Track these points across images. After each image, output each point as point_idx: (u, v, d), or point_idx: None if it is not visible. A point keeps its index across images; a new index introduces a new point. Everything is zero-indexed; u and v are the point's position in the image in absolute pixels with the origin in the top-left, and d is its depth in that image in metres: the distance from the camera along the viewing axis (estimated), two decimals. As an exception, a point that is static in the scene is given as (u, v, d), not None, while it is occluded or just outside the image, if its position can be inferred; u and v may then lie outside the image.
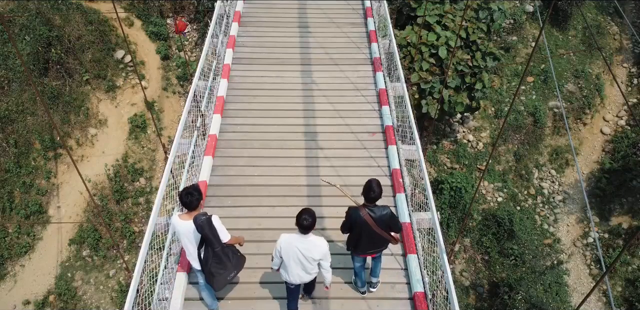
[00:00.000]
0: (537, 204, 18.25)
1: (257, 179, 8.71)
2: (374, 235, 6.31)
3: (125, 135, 16.56)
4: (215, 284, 6.29)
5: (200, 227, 5.78)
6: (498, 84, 18.86)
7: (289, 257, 5.92)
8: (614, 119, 19.90)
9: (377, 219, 6.18)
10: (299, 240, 5.83)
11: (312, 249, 5.84)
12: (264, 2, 13.45)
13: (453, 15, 15.17)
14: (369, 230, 6.24)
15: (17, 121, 15.50)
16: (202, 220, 5.77)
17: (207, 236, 5.86)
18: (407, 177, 8.64)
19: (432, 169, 17.79)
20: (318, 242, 5.88)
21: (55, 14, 16.46)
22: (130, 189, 16.07)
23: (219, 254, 6.05)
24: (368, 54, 11.76)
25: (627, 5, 21.50)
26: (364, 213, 6.17)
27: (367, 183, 6.18)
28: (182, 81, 18.00)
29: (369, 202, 6.20)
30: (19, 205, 15.12)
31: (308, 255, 5.86)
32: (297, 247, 5.84)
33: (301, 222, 5.70)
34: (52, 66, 16.07)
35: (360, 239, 6.37)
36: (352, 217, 6.24)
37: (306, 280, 6.20)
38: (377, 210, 6.19)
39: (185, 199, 5.89)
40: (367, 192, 6.13)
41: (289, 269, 6.01)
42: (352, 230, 6.39)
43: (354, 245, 6.51)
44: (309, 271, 6.06)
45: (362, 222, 6.18)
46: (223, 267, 6.20)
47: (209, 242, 5.95)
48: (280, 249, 5.95)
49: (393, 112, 9.91)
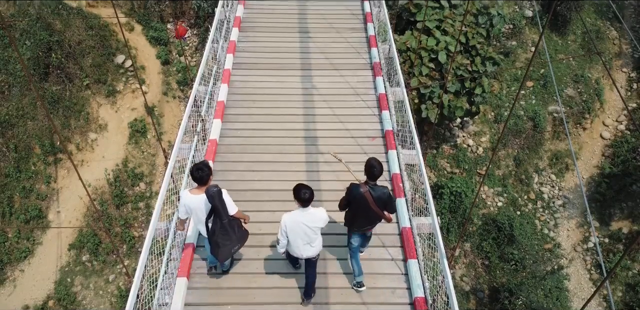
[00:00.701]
0: (537, 208, 18.23)
1: (258, 183, 8.71)
2: (370, 213, 6.62)
3: (126, 140, 16.57)
4: (219, 255, 6.62)
5: (211, 197, 6.16)
6: (498, 89, 18.89)
7: (295, 234, 6.28)
8: (614, 124, 19.91)
9: (376, 198, 6.47)
10: (302, 215, 6.19)
11: (314, 219, 6.23)
12: (264, 7, 13.49)
13: (452, 20, 15.20)
14: (366, 207, 6.53)
15: (18, 126, 15.52)
16: (214, 191, 6.17)
17: (216, 207, 6.24)
18: (407, 182, 8.63)
19: (432, 173, 17.79)
20: (318, 213, 6.27)
21: (56, 18, 16.50)
22: (130, 193, 16.06)
23: (225, 225, 6.43)
24: (368, 59, 11.78)
25: (627, 10, 21.56)
26: (364, 190, 6.46)
27: (367, 161, 6.52)
28: (182, 86, 18.02)
29: (371, 180, 6.50)
30: (18, 210, 15.11)
31: (313, 226, 6.25)
32: (302, 221, 6.18)
33: (302, 196, 6.04)
34: (53, 71, 16.11)
35: (356, 215, 6.70)
36: (353, 193, 6.51)
37: (310, 254, 6.52)
38: (377, 189, 6.50)
39: (196, 174, 6.27)
40: (370, 170, 6.44)
41: (295, 246, 6.41)
42: (350, 206, 6.70)
43: (351, 222, 6.82)
44: (312, 243, 6.42)
45: (361, 198, 6.46)
46: (228, 239, 6.54)
47: (217, 214, 6.32)
48: (285, 228, 6.26)
49: (393, 117, 9.92)
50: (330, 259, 7.57)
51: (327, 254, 7.57)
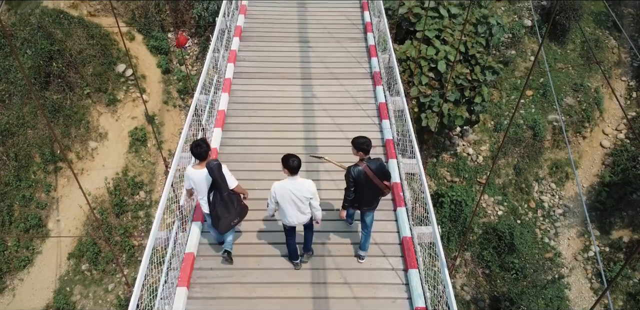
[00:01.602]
0: (538, 217, 18.21)
1: (258, 192, 8.67)
2: (372, 187, 6.93)
3: (126, 148, 16.58)
4: (220, 227, 7.01)
5: (211, 170, 6.60)
6: (497, 98, 18.94)
7: (284, 200, 6.63)
8: (614, 133, 19.94)
9: (375, 170, 6.85)
10: (290, 183, 6.57)
11: (301, 188, 6.57)
12: (265, 17, 13.55)
13: (452, 30, 15.28)
14: (369, 182, 6.85)
15: (18, 134, 15.54)
16: (214, 165, 6.61)
17: (216, 180, 6.68)
18: (408, 191, 8.63)
19: (432, 182, 17.79)
20: (306, 182, 6.63)
21: (57, 28, 16.58)
22: (130, 202, 16.05)
23: (225, 198, 6.84)
24: (368, 69, 11.82)
25: (625, 19, 21.66)
26: (363, 166, 6.79)
27: (357, 140, 6.89)
28: (182, 95, 18.07)
29: (365, 154, 6.85)
30: (18, 218, 15.09)
31: (300, 195, 6.58)
32: (289, 189, 6.55)
33: (290, 164, 6.41)
34: (53, 80, 16.16)
35: (362, 195, 6.96)
36: (354, 173, 6.79)
37: (303, 220, 6.89)
38: (373, 162, 6.89)
39: (195, 151, 6.76)
40: (360, 145, 6.82)
41: (286, 212, 6.75)
42: (355, 189, 6.89)
43: (359, 201, 7.06)
44: (303, 211, 6.77)
45: (363, 175, 6.78)
46: (227, 211, 6.93)
47: (217, 187, 6.75)
48: (275, 194, 6.64)
49: (393, 126, 9.93)
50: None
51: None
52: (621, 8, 21.74)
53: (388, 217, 8.24)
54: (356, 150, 6.88)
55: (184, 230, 7.70)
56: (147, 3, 18.35)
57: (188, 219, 7.90)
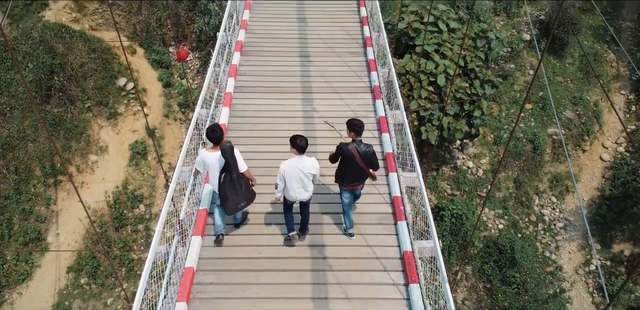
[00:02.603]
0: (538, 231, 18.16)
1: (258, 206, 8.69)
2: (357, 168, 7.61)
3: (126, 162, 16.59)
4: (227, 207, 7.48)
5: (223, 151, 7.06)
6: (497, 111, 19.00)
7: (291, 178, 7.27)
8: (613, 146, 19.96)
9: (362, 153, 7.50)
10: (297, 162, 7.22)
11: (307, 165, 7.25)
12: (265, 32, 13.65)
13: (451, 44, 15.38)
14: (353, 162, 7.53)
15: (18, 148, 15.55)
16: (227, 146, 7.09)
17: (228, 161, 7.15)
18: (408, 205, 8.62)
19: (432, 195, 17.77)
20: (311, 161, 7.32)
21: (59, 42, 16.69)
22: (130, 215, 16.01)
23: (234, 180, 7.30)
24: (368, 83, 11.88)
25: (624, 33, 21.82)
26: (351, 146, 7.52)
27: (350, 121, 7.59)
28: (183, 108, 18.12)
29: (357, 135, 7.54)
30: (17, 232, 15.05)
31: (306, 172, 7.26)
32: (297, 167, 7.20)
33: (298, 144, 7.07)
34: (54, 93, 16.22)
35: (346, 171, 7.69)
36: (342, 150, 7.57)
37: (305, 197, 7.53)
38: (363, 146, 7.56)
39: (211, 135, 7.33)
40: (353, 126, 7.52)
41: (291, 189, 7.37)
42: (340, 162, 7.71)
43: (341, 177, 7.79)
44: (306, 188, 7.44)
45: (349, 154, 7.49)
46: (236, 193, 7.38)
47: (228, 168, 7.22)
48: (284, 172, 7.25)
49: (393, 140, 9.96)
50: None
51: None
52: (619, 22, 21.92)
53: (388, 231, 8.22)
54: (349, 130, 7.60)
55: (184, 245, 7.68)
56: (149, 17, 18.50)
57: (188, 233, 7.89)
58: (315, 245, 7.93)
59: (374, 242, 7.98)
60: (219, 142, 7.31)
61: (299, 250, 7.85)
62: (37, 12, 17.41)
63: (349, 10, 14.67)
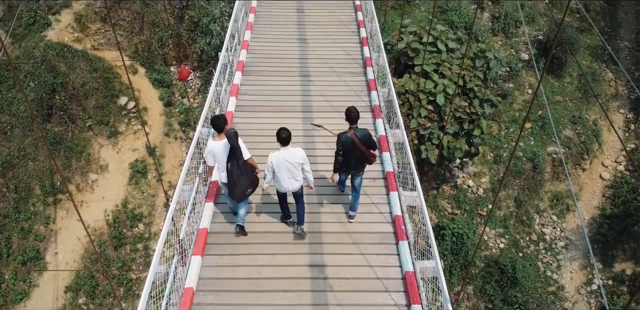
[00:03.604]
0: (540, 250, 18.06)
1: (258, 225, 8.67)
2: (358, 153, 8.09)
3: (126, 180, 16.58)
4: (235, 194, 7.90)
5: (229, 137, 7.53)
6: (496, 130, 19.07)
7: (279, 168, 7.69)
8: (613, 165, 19.99)
9: (360, 137, 8.02)
10: (283, 153, 7.65)
11: (294, 155, 7.67)
12: (267, 52, 13.76)
13: (450, 64, 15.51)
14: (354, 147, 8.02)
15: (18, 166, 15.56)
16: (231, 132, 7.56)
17: (234, 146, 7.62)
18: (409, 224, 8.59)
19: (432, 214, 17.72)
20: (297, 151, 7.73)
21: (61, 61, 16.82)
22: (129, 234, 15.94)
23: (241, 166, 7.78)
24: (368, 102, 11.94)
25: (622, 52, 22.03)
26: (350, 133, 8.01)
27: (346, 110, 8.13)
28: (184, 127, 18.19)
29: (352, 124, 8.10)
30: (16, 251, 14.96)
31: (293, 161, 7.66)
32: (284, 157, 7.62)
33: (281, 136, 7.52)
34: (56, 112, 16.29)
35: (349, 159, 8.13)
36: (342, 139, 8.00)
37: (295, 186, 7.91)
38: (360, 131, 8.10)
39: (216, 122, 7.91)
40: (349, 115, 8.09)
41: (282, 179, 7.79)
42: (343, 153, 8.07)
43: (345, 165, 8.24)
44: (295, 178, 7.83)
45: (350, 141, 7.98)
46: (243, 179, 7.84)
47: (234, 154, 7.68)
48: (271, 164, 7.69)
49: (393, 158, 9.97)
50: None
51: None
52: (617, 42, 22.15)
53: (390, 251, 8.18)
54: (346, 118, 8.15)
55: (184, 265, 7.63)
56: (151, 37, 18.68)
57: (188, 253, 7.84)
58: (315, 265, 7.88)
59: (375, 262, 7.92)
60: (221, 130, 7.85)
61: (300, 270, 7.80)
62: (40, 31, 17.59)
63: (349, 31, 14.83)
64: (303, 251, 8.14)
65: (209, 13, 18.25)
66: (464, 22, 20.32)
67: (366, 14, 14.98)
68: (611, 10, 22.85)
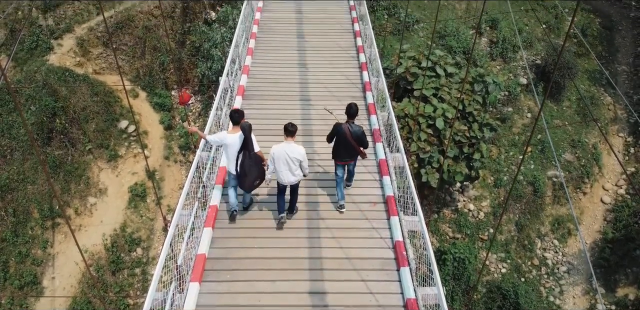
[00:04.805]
0: (542, 275, 17.87)
1: (257, 251, 8.57)
2: (348, 145, 8.96)
3: (125, 204, 16.51)
4: (245, 184, 8.56)
5: (244, 129, 8.22)
6: (496, 154, 19.08)
7: (279, 160, 8.33)
8: (614, 188, 19.94)
9: (353, 132, 8.89)
10: (285, 146, 8.30)
11: (294, 150, 8.28)
12: (267, 77, 13.84)
13: (449, 88, 15.60)
14: (345, 139, 8.90)
15: (17, 190, 15.51)
16: (246, 125, 8.28)
17: (247, 138, 8.29)
18: (411, 250, 8.50)
19: (434, 238, 17.59)
20: (298, 148, 8.36)
21: (62, 85, 16.93)
22: (127, 259, 15.79)
23: (252, 157, 8.41)
24: (367, 126, 11.94)
25: (620, 76, 22.20)
26: (345, 126, 8.92)
27: (347, 105, 8.99)
28: (184, 150, 18.20)
29: (350, 118, 8.98)
30: (13, 275, 14.81)
31: (292, 156, 8.27)
32: (284, 150, 8.27)
33: (288, 128, 8.23)
34: (56, 136, 16.32)
35: (339, 147, 9.04)
36: (336, 129, 8.96)
37: (292, 180, 8.56)
38: (354, 126, 8.95)
39: (234, 115, 8.61)
40: (348, 110, 8.96)
41: (280, 171, 8.44)
42: (335, 141, 9.03)
43: (335, 153, 9.12)
44: (293, 172, 8.46)
45: (342, 132, 8.88)
46: (252, 170, 8.43)
47: (247, 146, 8.33)
48: (273, 154, 8.33)
49: (394, 183, 9.93)
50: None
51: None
52: (615, 66, 22.34)
53: (391, 278, 8.06)
54: (346, 112, 8.97)
55: (181, 292, 7.52)
56: (152, 62, 18.85)
57: (186, 279, 7.74)
58: (316, 292, 7.77)
59: (376, 289, 7.81)
60: (238, 122, 8.47)
61: (300, 297, 7.69)
62: (42, 55, 17.76)
63: (349, 56, 14.95)
64: (303, 277, 8.02)
65: (211, 38, 18.45)
66: (463, 47, 20.54)
67: (365, 40, 15.14)
68: (608, 34, 23.12)
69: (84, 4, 18.93)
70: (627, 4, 24.68)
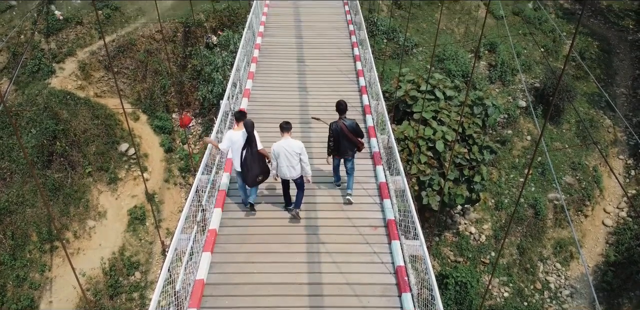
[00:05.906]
0: (545, 299, 17.66)
1: (256, 276, 8.47)
2: (346, 139, 9.68)
3: (124, 227, 16.42)
4: (248, 179, 9.09)
5: (247, 125, 8.88)
6: (496, 177, 19.05)
7: (279, 155, 8.90)
8: (615, 211, 19.85)
9: (348, 126, 9.69)
10: (283, 142, 8.92)
11: (292, 144, 8.91)
12: (268, 100, 13.91)
13: (448, 111, 15.67)
14: (343, 134, 9.63)
15: (16, 213, 15.45)
16: (250, 122, 8.96)
17: (250, 135, 8.91)
18: (412, 275, 8.40)
19: (435, 262, 17.43)
20: (296, 142, 8.97)
21: (63, 108, 17.01)
22: (125, 283, 15.63)
23: (255, 153, 8.99)
24: (367, 148, 11.95)
25: (619, 99, 22.32)
26: (339, 122, 9.68)
27: (337, 102, 9.86)
28: (184, 173, 18.18)
29: (341, 114, 9.77)
30: (10, 299, 14.64)
31: (290, 150, 8.87)
32: (282, 146, 8.88)
33: (282, 125, 8.93)
34: (56, 158, 16.33)
35: (339, 144, 9.71)
36: (333, 127, 9.68)
37: (293, 174, 9.11)
38: (347, 120, 9.79)
39: (237, 115, 9.39)
40: (338, 107, 9.79)
41: (281, 166, 9.01)
42: (334, 140, 9.67)
43: (335, 150, 9.83)
44: (294, 166, 9.02)
45: (339, 128, 9.63)
46: (255, 166, 9.01)
47: (250, 142, 8.93)
48: (274, 152, 8.91)
49: (394, 206, 9.88)
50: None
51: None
52: (614, 88, 22.48)
53: (392, 304, 7.95)
54: (336, 109, 9.74)
55: (180, 318, 7.41)
56: (153, 85, 18.98)
57: (184, 305, 7.63)
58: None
59: None
60: (242, 119, 9.09)
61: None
62: (44, 79, 17.89)
63: (349, 80, 15.05)
64: (303, 304, 7.92)
65: (212, 62, 18.61)
66: (461, 70, 20.70)
67: (365, 64, 15.26)
68: (606, 57, 23.33)
69: (86, 28, 19.15)
70: (624, 27, 24.98)
